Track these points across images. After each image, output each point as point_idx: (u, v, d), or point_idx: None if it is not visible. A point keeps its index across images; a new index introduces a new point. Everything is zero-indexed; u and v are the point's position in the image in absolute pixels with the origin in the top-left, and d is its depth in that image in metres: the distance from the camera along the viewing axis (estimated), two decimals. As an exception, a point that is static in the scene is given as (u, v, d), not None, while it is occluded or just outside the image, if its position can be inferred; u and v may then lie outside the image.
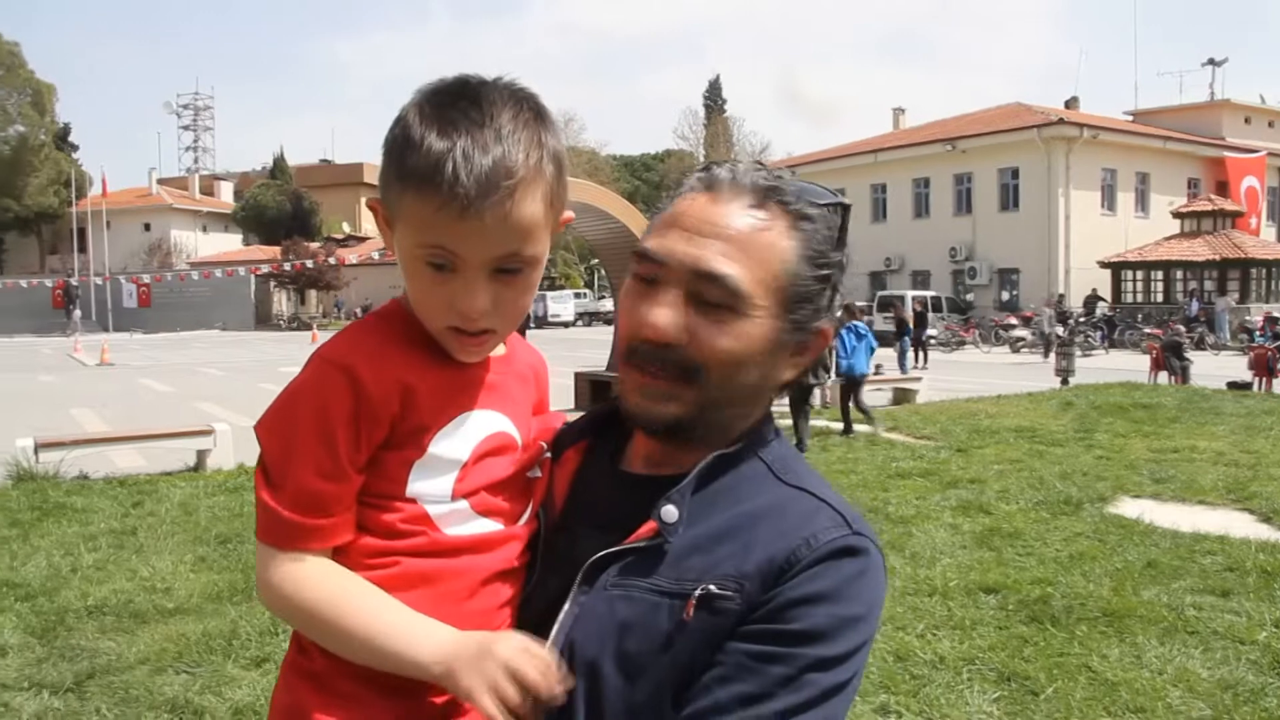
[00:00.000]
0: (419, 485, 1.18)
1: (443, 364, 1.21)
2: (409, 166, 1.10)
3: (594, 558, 1.18)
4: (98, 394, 20.42)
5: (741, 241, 1.16)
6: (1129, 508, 8.31)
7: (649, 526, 1.17)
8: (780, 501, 1.19)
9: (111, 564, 6.78)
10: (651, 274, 1.19)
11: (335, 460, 1.13)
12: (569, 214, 1.23)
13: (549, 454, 1.32)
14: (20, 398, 20.02)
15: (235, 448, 10.88)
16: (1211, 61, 50.13)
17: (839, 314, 1.30)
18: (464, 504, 1.20)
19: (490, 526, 1.22)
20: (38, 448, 10.02)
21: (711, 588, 1.12)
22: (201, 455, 10.73)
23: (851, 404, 12.79)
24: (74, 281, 54.95)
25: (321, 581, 1.13)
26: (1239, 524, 7.74)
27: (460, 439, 1.20)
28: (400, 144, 1.12)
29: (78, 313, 51.44)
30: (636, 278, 1.21)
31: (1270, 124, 49.89)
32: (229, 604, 5.85)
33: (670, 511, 1.16)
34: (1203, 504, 8.55)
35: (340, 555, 1.17)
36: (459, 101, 1.11)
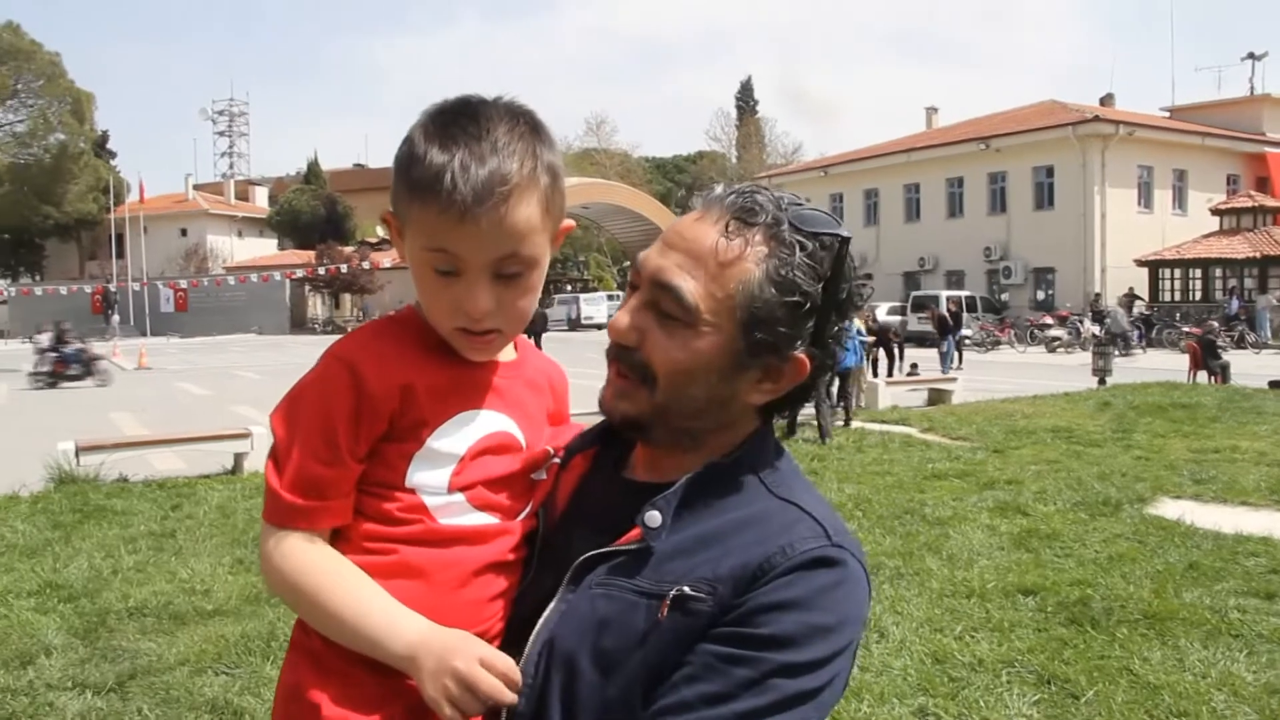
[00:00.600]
0: (418, 476, 1.26)
1: (448, 365, 1.29)
2: (414, 179, 1.19)
3: (582, 558, 1.23)
4: (136, 398, 20.70)
5: (703, 258, 1.21)
6: (1169, 509, 8.20)
7: (637, 531, 1.21)
8: (765, 511, 1.22)
9: (151, 566, 6.86)
10: (634, 280, 1.27)
11: (333, 449, 1.22)
12: (569, 222, 1.32)
13: (557, 459, 1.38)
14: (61, 402, 20.31)
15: (272, 450, 10.97)
16: (1251, 55, 49.32)
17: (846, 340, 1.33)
18: (460, 497, 1.27)
19: (485, 520, 1.29)
20: (78, 451, 10.15)
21: (686, 589, 1.16)
22: (239, 458, 10.83)
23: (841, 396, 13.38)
24: (112, 287, 55.64)
25: (310, 560, 1.22)
26: (1283, 525, 7.61)
27: (459, 436, 1.28)
28: (406, 159, 1.21)
29: (116, 318, 52.04)
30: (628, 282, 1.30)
31: (1312, 119, 49.10)
32: (267, 606, 5.90)
33: (654, 516, 1.21)
34: (1245, 505, 8.42)
35: (341, 539, 1.26)
36: (459, 119, 1.21)
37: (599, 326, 53.15)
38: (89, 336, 30.50)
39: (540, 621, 1.22)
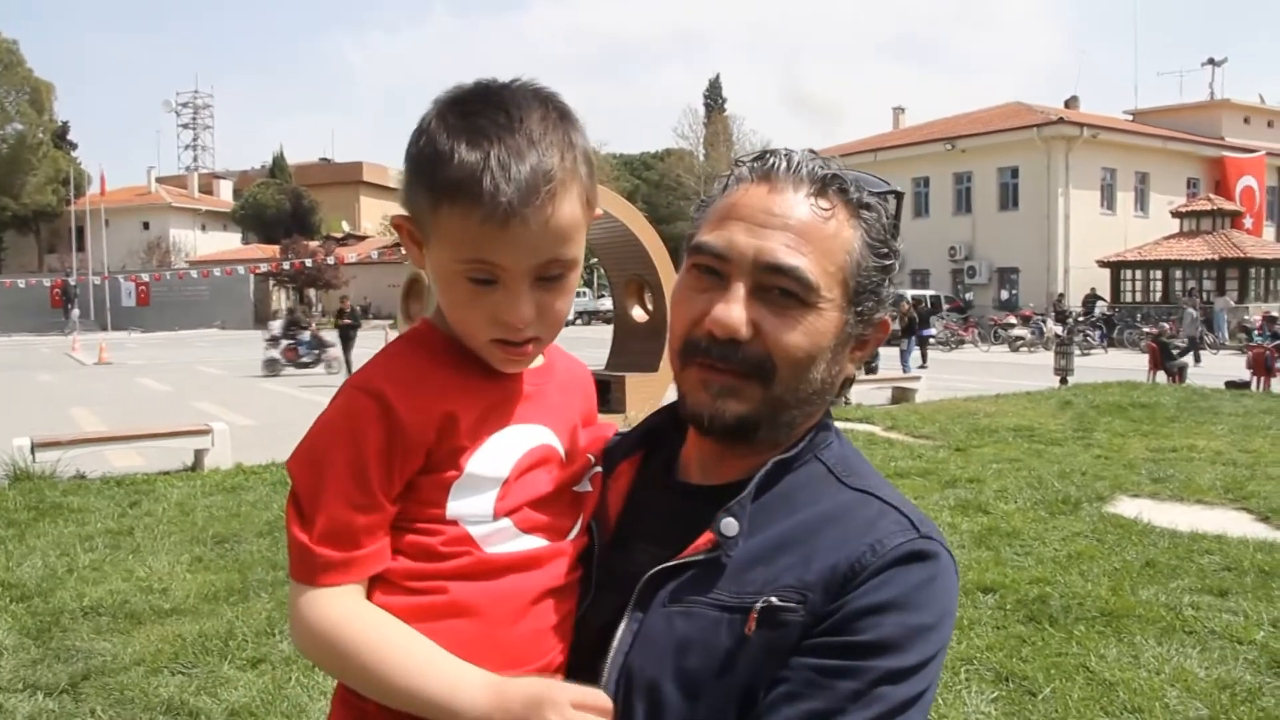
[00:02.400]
0: (459, 506, 1.14)
1: (479, 381, 1.17)
2: (442, 180, 1.06)
3: (649, 574, 1.14)
4: (95, 393, 20.42)
5: (806, 232, 1.13)
6: (1127, 507, 8.29)
7: (706, 538, 1.12)
8: (843, 506, 1.15)
9: (108, 564, 6.76)
10: (711, 267, 1.15)
11: (367, 492, 1.10)
12: (599, 210, 1.21)
13: (599, 467, 1.28)
14: (18, 397, 20.01)
15: (233, 447, 10.88)
16: (1211, 61, 50.17)
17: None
18: (507, 522, 1.16)
19: (536, 543, 1.18)
20: (34, 447, 9.99)
21: (774, 600, 1.08)
22: (199, 455, 10.71)
23: None
24: (72, 280, 54.94)
25: (352, 621, 1.09)
26: (1237, 523, 7.73)
27: (500, 456, 1.17)
28: (429, 158, 1.08)
29: (76, 311, 51.41)
30: (693, 270, 1.17)
31: (1269, 124, 49.93)
32: (225, 604, 5.84)
33: (730, 524, 1.12)
34: (1201, 503, 8.53)
35: (381, 581, 1.13)
36: (484, 108, 1.08)
37: (566, 323, 53.17)
38: (53, 329, 30.11)
39: (613, 648, 1.13)
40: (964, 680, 4.62)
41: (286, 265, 52.13)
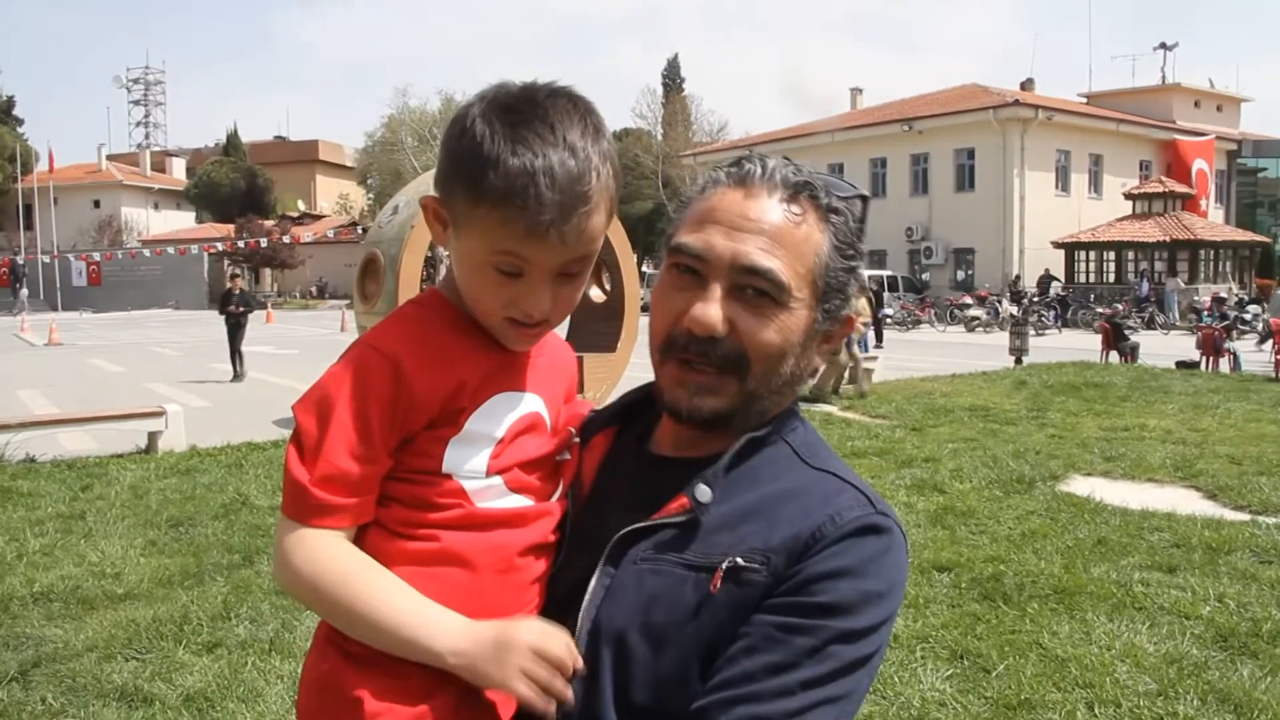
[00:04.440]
0: (455, 461, 1.22)
1: (484, 350, 1.26)
2: (487, 185, 1.14)
3: (622, 531, 1.21)
4: (45, 375, 20.06)
5: (779, 236, 1.21)
6: (1080, 486, 8.43)
7: (679, 503, 1.21)
8: (805, 482, 1.23)
9: (59, 549, 6.67)
10: (689, 267, 1.23)
11: (369, 444, 1.17)
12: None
13: (577, 439, 1.37)
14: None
15: (187, 429, 10.74)
16: (1163, 46, 50.63)
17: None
18: (498, 480, 1.24)
19: (523, 502, 1.26)
20: (-17, 430, 9.81)
21: (739, 560, 1.16)
22: (153, 437, 10.56)
23: None
24: (20, 260, 53.81)
25: (338, 562, 1.16)
26: (1186, 501, 7.88)
27: (497, 417, 1.25)
28: (472, 158, 1.15)
29: (25, 291, 50.37)
30: (672, 270, 1.26)
31: (1219, 108, 50.64)
32: (180, 589, 5.78)
33: (704, 491, 1.20)
34: (1151, 481, 8.70)
35: (376, 525, 1.21)
36: (530, 120, 1.15)
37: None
38: (1, 309, 29.37)
39: (585, 600, 1.21)
40: (919, 658, 4.68)
41: (241, 245, 51.46)
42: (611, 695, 1.16)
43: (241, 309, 18.93)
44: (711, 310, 1.19)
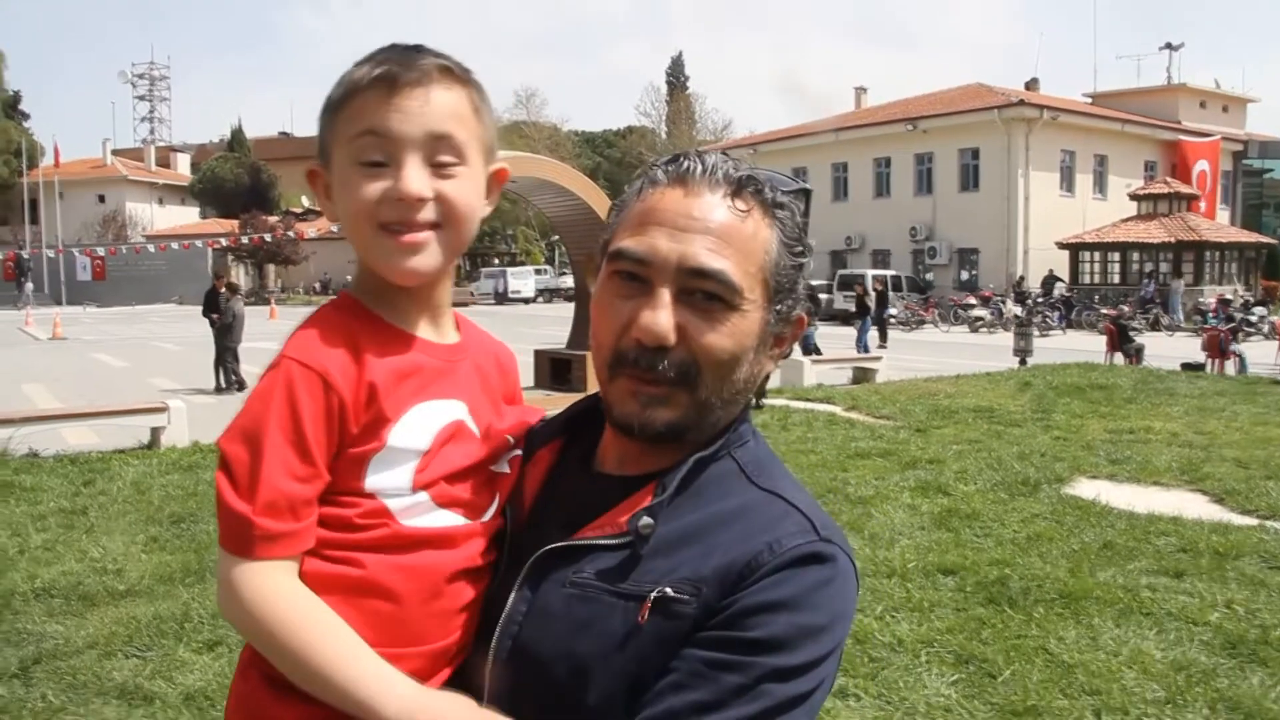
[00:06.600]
0: (377, 479, 1.15)
1: (403, 353, 1.19)
2: (336, 94, 1.17)
3: (540, 551, 1.16)
4: (49, 369, 20.08)
5: (726, 234, 1.14)
6: (1085, 489, 8.38)
7: (610, 524, 1.15)
8: (748, 505, 1.16)
9: (61, 545, 6.65)
10: (633, 273, 1.15)
11: (308, 461, 1.11)
12: (504, 166, 1.28)
13: (518, 450, 1.30)
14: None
15: (190, 425, 10.73)
16: (1169, 46, 50.54)
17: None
18: (424, 495, 1.17)
19: (452, 519, 1.19)
20: (-15, 425, 9.80)
21: (668, 590, 1.09)
22: (156, 432, 10.55)
23: None
24: (25, 253, 53.88)
25: (287, 601, 1.09)
26: (1192, 505, 7.83)
27: (420, 429, 1.18)
28: (331, 93, 1.19)
29: (29, 285, 50.47)
30: (614, 277, 1.17)
31: (1225, 108, 50.55)
32: (181, 586, 5.76)
33: (647, 522, 1.13)
34: (1157, 485, 8.65)
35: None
36: (387, 48, 1.19)
37: (526, 300, 52.95)
38: (5, 303, 29.45)
39: (500, 621, 1.15)
40: (924, 663, 4.65)
41: (245, 240, 51.47)
42: None
43: (216, 316, 16.51)
44: (661, 317, 1.11)
